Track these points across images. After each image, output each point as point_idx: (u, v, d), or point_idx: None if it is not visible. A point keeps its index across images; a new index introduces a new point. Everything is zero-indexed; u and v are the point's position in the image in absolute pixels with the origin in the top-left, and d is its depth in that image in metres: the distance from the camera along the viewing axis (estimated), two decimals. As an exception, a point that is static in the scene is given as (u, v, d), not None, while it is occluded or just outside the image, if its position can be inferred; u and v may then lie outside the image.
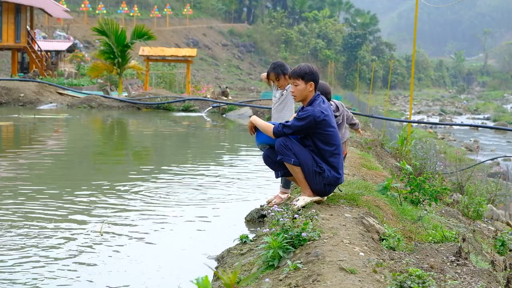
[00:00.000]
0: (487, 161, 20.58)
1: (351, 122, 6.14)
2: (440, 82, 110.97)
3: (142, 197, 6.93)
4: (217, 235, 5.41)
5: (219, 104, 19.86)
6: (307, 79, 5.02)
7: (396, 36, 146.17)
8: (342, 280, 3.20)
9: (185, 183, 7.88)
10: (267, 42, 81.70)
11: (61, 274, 4.35)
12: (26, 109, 19.56)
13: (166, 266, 4.59)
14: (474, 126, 21.23)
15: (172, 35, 69.18)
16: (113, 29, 23.56)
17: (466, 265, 4.04)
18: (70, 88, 23.43)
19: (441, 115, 55.01)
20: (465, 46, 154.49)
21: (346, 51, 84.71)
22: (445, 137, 36.93)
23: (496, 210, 9.79)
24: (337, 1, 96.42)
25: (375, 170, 7.57)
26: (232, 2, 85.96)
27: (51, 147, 11.96)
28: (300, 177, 5.00)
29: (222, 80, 60.93)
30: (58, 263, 4.58)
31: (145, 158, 11.09)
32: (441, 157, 14.64)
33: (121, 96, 23.67)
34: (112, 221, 5.81)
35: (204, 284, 2.34)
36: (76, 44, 45.12)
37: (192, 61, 30.41)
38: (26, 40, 31.63)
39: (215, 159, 10.69)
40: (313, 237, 3.94)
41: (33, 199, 6.65)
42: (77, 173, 8.85)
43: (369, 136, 12.62)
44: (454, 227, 5.88)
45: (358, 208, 5.01)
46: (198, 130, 16.73)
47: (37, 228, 5.48)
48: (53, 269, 4.44)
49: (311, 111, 4.92)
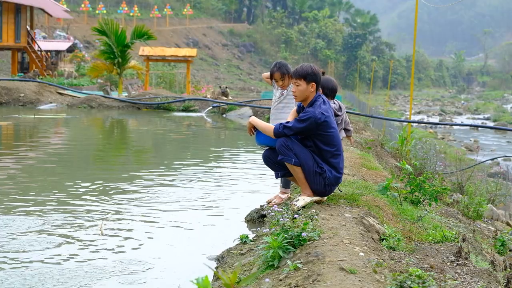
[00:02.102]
0: (487, 161, 20.59)
1: (346, 127, 6.09)
2: (440, 82, 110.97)
3: (142, 197, 6.93)
4: (217, 235, 5.41)
5: (219, 104, 19.86)
6: (309, 79, 5.00)
7: (396, 36, 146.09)
8: (342, 280, 3.20)
9: (185, 183, 7.88)
10: (267, 42, 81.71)
11: (61, 274, 4.35)
12: (26, 109, 19.56)
13: (166, 266, 4.59)
14: (474, 126, 21.26)
15: (172, 35, 69.18)
16: (113, 29, 23.55)
17: (466, 265, 4.04)
18: (70, 88, 23.44)
19: (441, 115, 55.00)
20: (465, 46, 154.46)
21: (346, 51, 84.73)
22: (445, 137, 36.93)
23: (496, 210, 9.79)
24: (337, 1, 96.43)
25: (375, 170, 7.57)
26: (232, 2, 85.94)
27: (51, 146, 11.96)
28: (301, 177, 5.00)
29: (222, 80, 60.92)
30: (57, 262, 4.58)
31: (145, 158, 11.09)
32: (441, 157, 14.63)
33: (121, 96, 23.66)
34: (112, 221, 5.81)
35: (204, 284, 2.34)
36: (76, 44, 45.12)
37: (192, 61, 30.41)
38: (26, 40, 31.63)
39: (215, 159, 10.69)
40: (313, 237, 3.94)
41: (33, 199, 6.65)
42: (77, 172, 8.85)
43: (369, 136, 12.62)
44: (454, 227, 5.88)
45: (358, 208, 5.01)
46: (198, 130, 16.73)
47: (37, 228, 5.47)
48: (53, 269, 4.44)
49: (312, 113, 4.91)
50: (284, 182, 5.74)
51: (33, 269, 4.44)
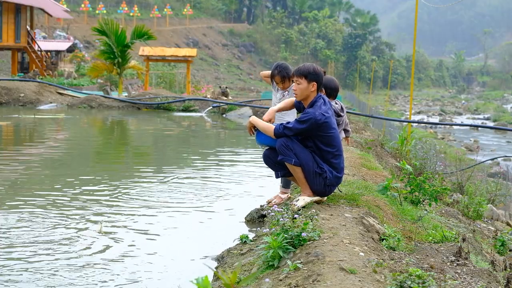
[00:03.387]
0: (487, 161, 20.58)
1: (345, 127, 6.11)
2: (440, 82, 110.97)
3: (142, 197, 6.93)
4: (217, 235, 5.41)
5: (219, 104, 19.86)
6: (310, 78, 5.01)
7: (396, 36, 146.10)
8: (342, 280, 3.20)
9: (185, 183, 7.88)
10: (267, 42, 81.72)
11: (61, 274, 4.35)
12: (26, 109, 19.56)
13: (166, 266, 4.59)
14: (474, 126, 21.25)
15: (172, 35, 69.18)
16: (113, 29, 23.55)
17: (466, 265, 4.04)
18: (70, 88, 23.43)
19: (441, 115, 55.01)
20: (465, 46, 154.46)
21: (346, 51, 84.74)
22: (445, 137, 36.93)
23: (496, 210, 9.79)
24: (337, 1, 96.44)
25: (375, 170, 7.57)
26: (232, 2, 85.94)
27: (51, 146, 11.96)
28: (301, 177, 4.99)
29: (222, 80, 60.93)
30: (57, 263, 4.58)
31: (145, 158, 11.09)
32: (441, 157, 14.63)
33: (121, 96, 23.66)
34: (112, 221, 5.81)
35: (204, 284, 2.34)
36: (76, 44, 45.12)
37: (192, 61, 30.40)
38: (26, 40, 31.62)
39: (215, 159, 10.69)
40: (313, 237, 3.94)
41: (32, 199, 6.65)
42: (77, 172, 8.84)
43: (369, 136, 12.61)
44: (454, 227, 5.88)
45: (358, 208, 5.01)
46: (198, 130, 16.73)
47: (37, 228, 5.47)
48: (52, 269, 4.44)
49: (312, 114, 4.90)
50: (284, 182, 5.74)
51: (32, 269, 4.43)
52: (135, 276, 4.37)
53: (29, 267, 4.48)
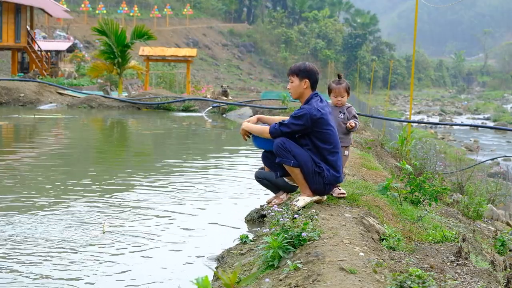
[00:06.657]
0: (487, 161, 20.58)
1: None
2: (440, 82, 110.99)
3: (142, 196, 6.93)
4: (217, 235, 5.41)
5: (219, 104, 19.86)
6: (301, 76, 5.04)
7: (396, 36, 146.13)
8: (342, 280, 3.20)
9: (185, 183, 7.88)
10: (267, 42, 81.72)
11: (61, 273, 4.36)
12: (26, 109, 19.56)
13: (166, 266, 4.59)
14: (474, 126, 21.28)
15: (172, 35, 69.18)
16: (113, 29, 23.54)
17: (466, 265, 4.04)
18: (70, 88, 23.43)
19: (441, 115, 55.01)
20: (465, 46, 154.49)
21: (346, 51, 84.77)
22: (445, 137, 36.92)
23: (496, 210, 9.79)
24: (337, 1, 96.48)
25: (375, 170, 7.57)
26: (232, 2, 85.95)
27: (51, 146, 11.96)
28: (300, 178, 5.00)
29: (222, 80, 60.89)
30: (58, 262, 4.58)
31: (145, 158, 11.09)
32: (441, 157, 14.62)
33: (121, 96, 23.66)
34: (112, 221, 5.81)
35: (204, 284, 2.34)
36: (76, 44, 45.12)
37: (192, 61, 30.40)
38: (26, 40, 31.62)
39: (215, 159, 10.69)
40: (313, 237, 3.94)
41: (32, 199, 6.65)
42: (77, 172, 8.84)
43: (369, 136, 12.61)
44: (454, 227, 5.88)
45: (358, 208, 5.01)
46: (198, 130, 16.73)
47: (38, 228, 5.47)
48: (54, 269, 4.44)
49: (307, 109, 4.92)
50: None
51: (33, 268, 4.43)
52: (135, 276, 4.37)
53: (29, 266, 4.48)
